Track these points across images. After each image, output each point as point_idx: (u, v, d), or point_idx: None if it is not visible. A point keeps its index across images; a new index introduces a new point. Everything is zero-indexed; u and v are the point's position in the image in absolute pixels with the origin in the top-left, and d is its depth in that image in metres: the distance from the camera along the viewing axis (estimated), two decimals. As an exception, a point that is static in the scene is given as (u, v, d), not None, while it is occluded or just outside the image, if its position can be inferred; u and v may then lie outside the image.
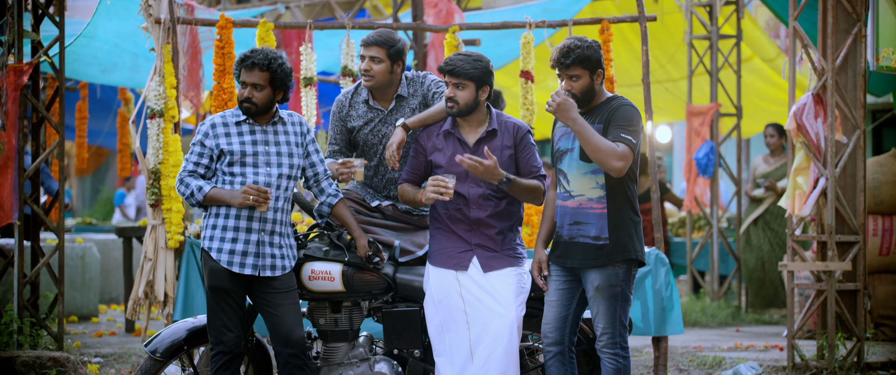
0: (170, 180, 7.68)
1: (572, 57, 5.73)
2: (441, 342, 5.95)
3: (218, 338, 5.85)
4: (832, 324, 8.36)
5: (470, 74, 5.86)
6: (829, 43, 8.38)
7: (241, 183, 5.85)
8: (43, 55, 8.31)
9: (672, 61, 13.91)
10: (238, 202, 5.76)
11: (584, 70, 5.76)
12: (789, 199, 8.51)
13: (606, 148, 5.62)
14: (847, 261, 8.42)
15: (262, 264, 5.87)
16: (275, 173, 5.89)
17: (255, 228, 5.86)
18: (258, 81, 5.85)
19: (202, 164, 5.89)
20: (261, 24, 8.04)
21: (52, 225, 8.50)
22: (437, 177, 5.85)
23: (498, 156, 5.93)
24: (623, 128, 5.69)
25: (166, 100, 7.77)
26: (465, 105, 5.92)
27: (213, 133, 5.89)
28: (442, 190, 5.81)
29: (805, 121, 8.39)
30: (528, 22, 8.23)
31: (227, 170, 5.87)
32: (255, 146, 5.89)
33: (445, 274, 5.96)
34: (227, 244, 5.84)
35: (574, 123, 5.66)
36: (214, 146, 5.87)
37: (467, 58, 5.91)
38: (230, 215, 5.86)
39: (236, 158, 5.85)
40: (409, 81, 6.34)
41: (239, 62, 5.89)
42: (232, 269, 5.83)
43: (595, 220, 5.78)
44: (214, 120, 5.93)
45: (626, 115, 5.72)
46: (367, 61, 6.21)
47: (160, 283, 7.68)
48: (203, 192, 5.83)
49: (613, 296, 5.75)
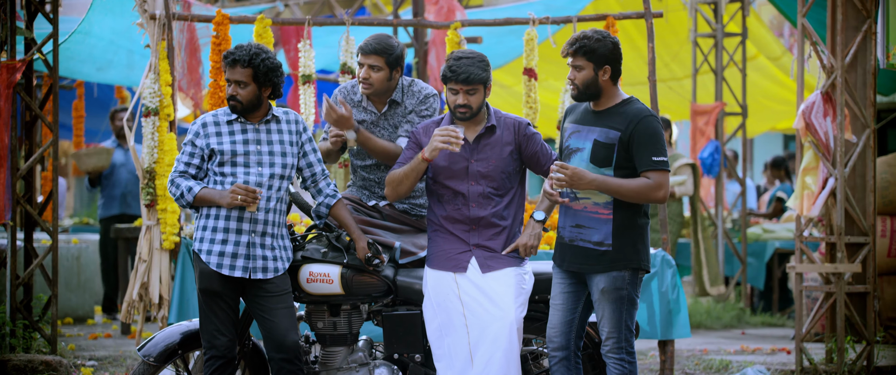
0: (165, 180, 7.58)
1: (577, 45, 5.61)
2: (440, 346, 5.87)
3: (211, 343, 5.75)
4: (841, 327, 8.25)
5: (482, 79, 5.80)
6: (838, 40, 8.29)
7: (231, 183, 5.75)
8: (36, 52, 8.18)
9: (676, 60, 13.83)
10: (226, 202, 5.67)
11: (588, 62, 5.61)
12: (798, 200, 8.42)
13: (642, 189, 5.53)
14: (857, 263, 8.31)
15: (253, 266, 5.76)
16: (267, 173, 5.78)
17: (245, 229, 5.75)
18: (241, 78, 5.72)
19: (193, 164, 5.80)
20: (258, 21, 7.92)
21: (45, 226, 8.35)
22: (447, 126, 5.75)
23: (497, 153, 5.85)
24: (651, 149, 5.55)
25: (161, 98, 7.65)
26: (477, 108, 5.85)
27: (203, 132, 5.79)
28: (451, 139, 5.68)
29: (814, 120, 8.29)
30: (531, 18, 8.12)
31: (217, 170, 5.78)
32: (247, 145, 5.78)
33: (444, 276, 5.88)
34: (217, 245, 5.74)
35: (597, 185, 5.54)
36: (205, 145, 5.77)
37: (473, 60, 5.80)
38: (220, 216, 5.76)
39: (227, 158, 5.76)
40: (404, 89, 6.29)
41: (223, 59, 5.77)
42: (221, 271, 5.74)
43: (599, 226, 5.64)
44: (205, 119, 5.83)
45: (650, 132, 5.56)
46: (366, 69, 6.15)
47: (155, 285, 7.58)
48: (193, 193, 5.74)
49: (619, 300, 5.61)
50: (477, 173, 5.87)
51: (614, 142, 5.58)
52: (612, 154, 5.57)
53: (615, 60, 5.64)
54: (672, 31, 13.19)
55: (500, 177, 5.88)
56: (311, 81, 8.10)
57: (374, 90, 6.19)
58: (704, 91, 13.67)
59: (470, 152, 5.88)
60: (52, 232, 8.26)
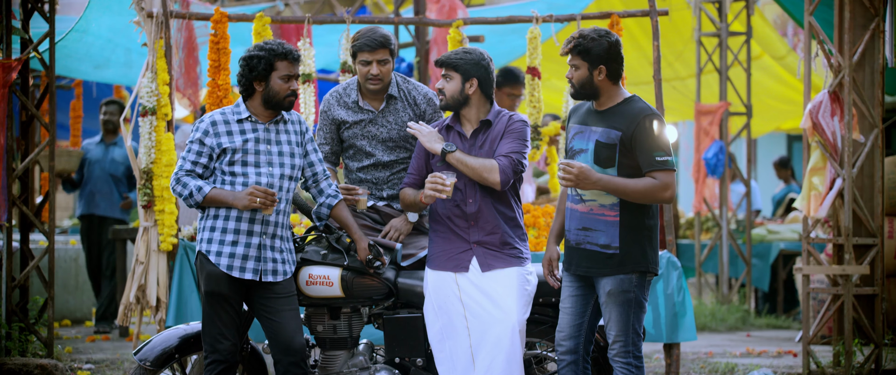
0: (162, 180, 7.47)
1: (572, 44, 5.57)
2: (442, 349, 5.81)
3: (213, 346, 5.67)
4: (849, 330, 8.15)
5: (456, 64, 5.79)
6: (845, 38, 8.20)
7: (242, 183, 5.66)
8: (32, 51, 8.08)
9: (680, 59, 13.73)
10: (243, 204, 5.57)
11: (583, 61, 5.56)
12: (805, 200, 8.32)
13: (648, 190, 5.44)
14: (865, 265, 8.21)
15: (264, 268, 5.68)
16: (277, 173, 5.71)
17: (256, 231, 5.67)
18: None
19: (201, 163, 5.69)
20: (257, 19, 7.82)
21: (42, 227, 8.24)
22: (434, 173, 5.72)
23: (487, 147, 5.83)
24: (653, 147, 5.46)
25: (159, 97, 7.55)
26: (451, 97, 5.83)
27: (213, 131, 5.68)
28: (439, 188, 5.66)
29: (821, 120, 8.20)
30: (534, 16, 8.02)
31: (227, 170, 5.68)
32: (258, 144, 5.70)
33: (444, 277, 5.82)
34: (227, 247, 5.65)
35: (603, 185, 5.45)
36: (216, 144, 5.67)
37: (460, 52, 5.86)
38: (230, 217, 5.66)
39: (238, 157, 5.66)
40: (400, 84, 6.26)
41: (285, 55, 5.69)
42: (232, 274, 5.64)
43: (606, 228, 5.55)
44: (214, 117, 5.73)
45: (650, 130, 5.47)
46: (376, 65, 6.09)
47: (152, 288, 7.48)
48: (203, 193, 5.63)
49: (626, 303, 5.52)
50: None
51: (616, 142, 5.50)
52: (615, 154, 5.50)
53: (611, 60, 5.56)
54: (676, 29, 13.10)
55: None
56: (311, 80, 8.00)
57: (383, 85, 6.15)
58: (708, 90, 13.59)
59: (467, 147, 5.85)
60: (49, 234, 8.16)
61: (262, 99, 5.72)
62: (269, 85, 5.68)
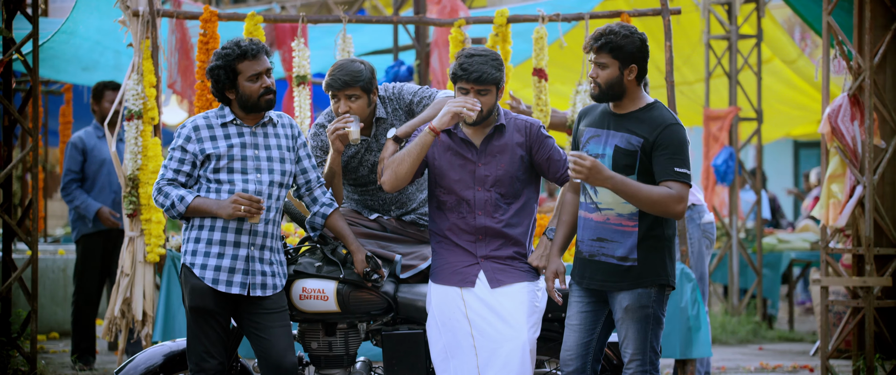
0: (149, 188, 7.23)
1: (603, 40, 5.16)
2: (445, 369, 5.50)
3: (199, 366, 5.41)
4: (870, 344, 7.91)
5: (495, 79, 5.38)
6: (866, 39, 7.96)
7: (228, 191, 5.37)
8: (15, 53, 7.79)
9: (688, 63, 13.55)
10: (227, 213, 5.28)
11: (614, 60, 5.18)
12: (823, 209, 8.07)
13: (663, 198, 5.10)
14: (887, 276, 7.94)
15: (252, 282, 5.41)
16: (266, 180, 5.41)
17: (243, 242, 5.39)
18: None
19: (183, 172, 5.40)
20: (249, 18, 7.54)
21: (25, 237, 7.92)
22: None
23: (509, 155, 5.47)
24: (675, 159, 5.14)
25: (145, 101, 7.27)
26: (488, 111, 5.45)
27: (196, 136, 5.39)
28: (467, 107, 5.28)
29: (840, 124, 7.96)
30: (541, 15, 7.76)
31: (212, 177, 5.39)
32: (244, 150, 5.41)
33: (449, 292, 5.50)
34: (213, 259, 5.37)
35: (614, 184, 5.10)
36: (199, 151, 5.38)
37: (486, 58, 5.38)
38: (216, 227, 5.38)
39: (223, 164, 5.37)
40: (384, 101, 5.91)
41: (244, 54, 5.35)
42: (218, 288, 5.37)
43: (623, 239, 5.21)
44: (197, 122, 5.44)
45: (676, 141, 5.15)
46: (345, 103, 5.70)
47: (138, 301, 7.23)
48: (185, 203, 5.34)
49: (644, 319, 5.19)
50: (484, 178, 5.49)
51: (636, 150, 5.18)
52: (635, 161, 5.18)
53: (642, 59, 5.21)
54: (684, 32, 12.89)
55: (509, 183, 5.49)
56: (305, 83, 7.76)
57: (363, 116, 5.80)
58: (718, 95, 13.42)
59: (477, 155, 5.50)
60: (32, 244, 7.86)
61: (238, 105, 5.45)
62: (239, 90, 5.40)
